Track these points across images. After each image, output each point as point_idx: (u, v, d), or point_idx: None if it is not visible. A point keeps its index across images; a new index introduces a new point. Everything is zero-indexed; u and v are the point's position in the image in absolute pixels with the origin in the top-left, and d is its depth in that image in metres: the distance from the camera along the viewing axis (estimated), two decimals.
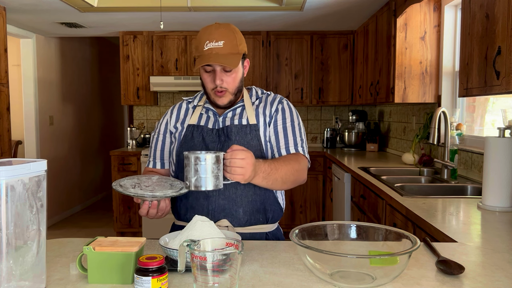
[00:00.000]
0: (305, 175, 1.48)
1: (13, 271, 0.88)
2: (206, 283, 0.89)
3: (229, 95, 1.47)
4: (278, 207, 1.52)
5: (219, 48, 1.38)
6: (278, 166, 1.36)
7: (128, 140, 4.94)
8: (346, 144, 4.76)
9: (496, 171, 1.75)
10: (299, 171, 1.43)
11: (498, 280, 1.02)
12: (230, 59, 1.39)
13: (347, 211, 3.42)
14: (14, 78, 5.01)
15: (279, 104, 1.54)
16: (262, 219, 1.48)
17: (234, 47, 1.41)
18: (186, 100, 1.63)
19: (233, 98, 1.49)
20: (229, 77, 1.44)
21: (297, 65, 4.79)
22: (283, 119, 1.52)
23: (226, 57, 1.39)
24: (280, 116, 1.52)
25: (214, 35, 1.39)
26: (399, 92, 3.16)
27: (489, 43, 1.74)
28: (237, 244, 0.95)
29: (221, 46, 1.39)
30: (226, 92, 1.46)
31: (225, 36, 1.40)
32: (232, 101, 1.49)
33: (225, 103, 1.47)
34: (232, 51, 1.40)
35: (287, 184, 1.41)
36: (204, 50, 1.40)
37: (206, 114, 1.55)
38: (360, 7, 3.73)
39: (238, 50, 1.42)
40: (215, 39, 1.39)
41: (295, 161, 1.43)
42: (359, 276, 0.98)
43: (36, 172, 0.92)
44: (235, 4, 3.69)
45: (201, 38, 1.41)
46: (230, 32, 1.42)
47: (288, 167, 1.39)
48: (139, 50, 4.79)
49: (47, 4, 3.63)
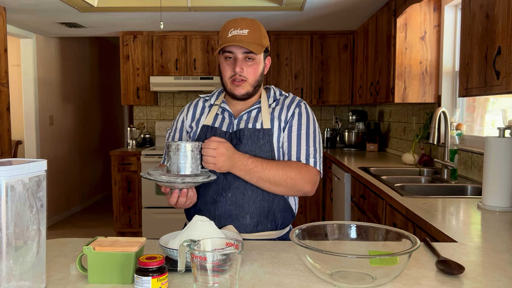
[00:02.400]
0: (306, 186, 1.39)
1: (13, 271, 0.88)
2: (206, 283, 0.89)
3: (248, 86, 1.43)
4: (289, 214, 1.47)
5: (243, 36, 1.37)
6: (268, 166, 1.33)
7: (128, 140, 4.94)
8: (346, 144, 4.76)
9: (496, 171, 1.75)
10: (294, 180, 1.36)
11: (498, 280, 1.02)
12: (253, 46, 1.38)
13: (347, 211, 3.42)
14: (14, 78, 5.01)
15: (296, 108, 1.47)
16: (271, 225, 1.43)
17: (258, 38, 1.40)
18: (203, 97, 1.59)
19: (251, 90, 1.44)
20: (250, 67, 1.41)
21: (297, 65, 4.79)
22: (298, 125, 1.45)
23: (250, 44, 1.37)
24: (295, 122, 1.45)
25: (240, 24, 1.39)
26: (399, 92, 3.16)
27: (489, 43, 1.74)
28: (237, 244, 0.95)
29: (246, 34, 1.37)
30: (245, 83, 1.42)
31: (250, 26, 1.39)
32: (249, 94, 1.45)
33: (242, 94, 1.43)
34: (256, 41, 1.39)
35: (280, 188, 1.36)
36: (228, 36, 1.38)
37: (221, 115, 1.50)
38: (360, 7, 3.73)
39: (262, 42, 1.41)
40: (240, 27, 1.38)
41: (294, 169, 1.37)
42: (359, 276, 0.98)
43: (36, 172, 0.92)
44: (235, 4, 3.69)
45: (226, 26, 1.40)
46: (255, 24, 1.41)
47: (280, 171, 1.34)
48: (139, 50, 4.79)
49: (47, 4, 3.63)
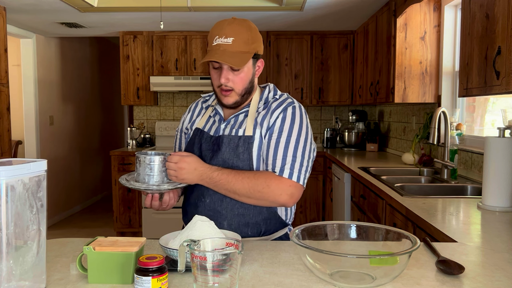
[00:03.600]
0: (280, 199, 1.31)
1: (13, 271, 0.88)
2: (206, 283, 0.89)
3: (235, 95, 1.39)
4: (276, 221, 1.42)
5: (227, 45, 1.31)
6: (233, 179, 1.30)
7: (128, 140, 4.94)
8: (346, 144, 4.76)
9: (496, 171, 1.75)
10: (262, 193, 1.30)
11: (498, 280, 1.02)
12: (237, 57, 1.31)
13: (347, 211, 3.42)
14: (14, 78, 5.01)
15: (281, 113, 1.38)
16: (252, 233, 1.39)
17: (245, 45, 1.33)
18: (203, 98, 1.58)
19: (240, 99, 1.40)
20: (236, 76, 1.36)
21: (297, 65, 4.79)
22: (278, 132, 1.36)
23: (234, 55, 1.31)
24: (276, 128, 1.36)
25: (225, 31, 1.32)
26: (399, 92, 3.16)
27: (489, 43, 1.74)
28: (237, 244, 0.95)
29: (230, 43, 1.31)
30: (232, 92, 1.38)
31: (236, 33, 1.32)
32: (238, 102, 1.41)
33: (229, 103, 1.40)
34: (242, 49, 1.32)
35: (250, 200, 1.32)
36: (212, 45, 1.33)
37: (213, 117, 1.49)
38: (360, 7, 3.73)
39: (249, 49, 1.34)
40: (225, 35, 1.32)
41: (262, 182, 1.30)
42: (359, 276, 0.98)
43: (36, 172, 0.92)
44: (235, 4, 3.69)
45: (213, 32, 1.35)
46: (243, 29, 1.34)
47: (246, 184, 1.30)
48: (139, 50, 4.79)
49: (47, 4, 3.63)
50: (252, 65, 1.39)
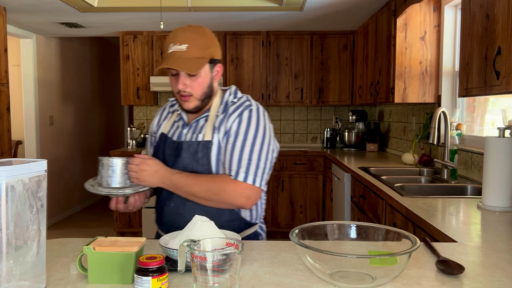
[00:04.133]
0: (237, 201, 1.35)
1: (13, 271, 0.88)
2: (206, 283, 0.89)
3: (195, 100, 1.41)
4: (240, 221, 1.44)
5: (181, 52, 1.34)
6: (191, 182, 1.35)
7: (128, 140, 4.94)
8: (346, 144, 4.76)
9: (496, 171, 1.75)
10: (219, 196, 1.34)
11: (498, 280, 1.02)
12: (191, 63, 1.34)
13: (347, 211, 3.42)
14: (14, 78, 5.01)
15: (237, 117, 1.40)
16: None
17: (200, 50, 1.35)
18: (170, 102, 1.60)
19: (200, 104, 1.42)
20: (194, 82, 1.38)
21: (297, 65, 4.79)
22: (234, 136, 1.39)
23: (188, 61, 1.33)
24: (233, 132, 1.39)
25: (179, 38, 1.35)
26: (399, 92, 3.16)
27: (489, 43, 1.74)
28: (237, 244, 0.95)
29: (184, 50, 1.34)
30: (191, 97, 1.40)
31: (190, 40, 1.34)
32: (199, 107, 1.43)
33: (190, 108, 1.43)
34: (196, 55, 1.35)
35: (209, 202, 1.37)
36: (167, 52, 1.36)
37: (178, 122, 1.52)
38: (360, 7, 3.73)
39: (204, 54, 1.37)
40: (179, 42, 1.34)
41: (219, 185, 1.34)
42: (359, 276, 0.98)
43: (36, 172, 0.92)
44: (235, 4, 3.69)
45: (168, 40, 1.37)
46: (197, 35, 1.36)
47: (203, 187, 1.34)
48: (139, 50, 4.79)
49: (47, 4, 3.63)
50: (209, 70, 1.41)
